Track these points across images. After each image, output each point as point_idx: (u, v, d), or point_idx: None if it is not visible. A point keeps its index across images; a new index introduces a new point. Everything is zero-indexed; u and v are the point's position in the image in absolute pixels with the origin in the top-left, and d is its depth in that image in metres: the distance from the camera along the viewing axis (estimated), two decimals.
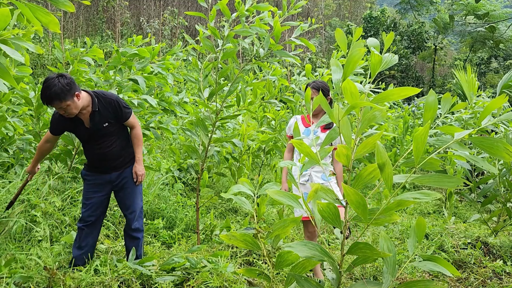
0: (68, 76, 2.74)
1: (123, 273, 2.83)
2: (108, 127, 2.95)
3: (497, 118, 1.43)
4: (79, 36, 22.15)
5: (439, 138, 1.50)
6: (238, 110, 3.61)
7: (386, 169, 1.42)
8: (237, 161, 5.18)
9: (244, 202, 1.90)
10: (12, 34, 1.77)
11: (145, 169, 3.37)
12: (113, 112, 2.94)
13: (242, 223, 4.40)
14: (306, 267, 1.72)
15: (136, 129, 3.08)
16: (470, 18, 20.46)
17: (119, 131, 3.04)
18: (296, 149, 2.70)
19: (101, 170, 3.06)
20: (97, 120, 2.91)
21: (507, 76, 2.78)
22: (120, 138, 3.06)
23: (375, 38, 1.63)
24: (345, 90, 1.47)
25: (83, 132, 2.96)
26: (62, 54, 4.02)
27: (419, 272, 3.42)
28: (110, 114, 2.94)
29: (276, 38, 3.09)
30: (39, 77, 15.36)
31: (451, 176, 1.41)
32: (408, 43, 27.03)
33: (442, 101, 1.66)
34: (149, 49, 3.98)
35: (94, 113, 2.89)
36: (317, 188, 1.61)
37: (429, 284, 1.57)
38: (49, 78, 2.68)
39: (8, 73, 1.79)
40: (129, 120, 3.03)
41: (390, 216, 1.56)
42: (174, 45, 9.03)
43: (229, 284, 2.84)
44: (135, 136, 3.08)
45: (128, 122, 3.04)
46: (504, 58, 25.89)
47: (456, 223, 4.80)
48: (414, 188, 6.76)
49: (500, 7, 23.57)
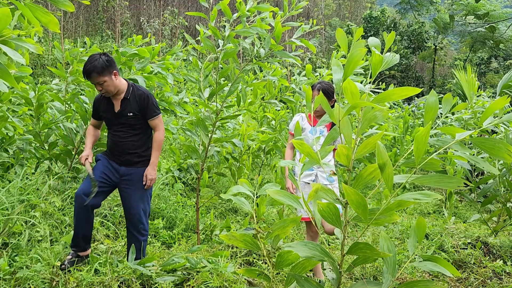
0: (110, 56, 2.92)
1: (123, 273, 2.83)
2: (131, 117, 3.01)
3: (498, 119, 1.43)
4: (79, 36, 22.15)
5: (440, 138, 1.50)
6: (238, 110, 3.61)
7: (387, 169, 1.42)
8: (237, 161, 5.18)
9: (243, 203, 1.90)
10: (13, 35, 1.77)
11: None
12: (140, 105, 3.01)
13: (242, 223, 4.40)
14: (306, 267, 1.72)
15: (159, 132, 3.10)
16: (470, 18, 20.46)
17: (141, 127, 3.08)
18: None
19: (113, 158, 3.11)
20: (125, 107, 3.00)
21: (507, 76, 2.77)
22: (139, 135, 3.08)
23: (375, 38, 1.63)
24: (346, 90, 1.47)
25: (111, 115, 3.05)
26: (62, 54, 4.02)
27: (419, 272, 3.42)
28: (138, 106, 3.01)
29: (277, 38, 3.09)
30: (39, 77, 15.36)
31: (452, 177, 1.41)
32: (408, 43, 27.04)
33: (443, 101, 1.66)
34: (149, 49, 3.98)
35: (124, 100, 3.00)
36: (317, 188, 1.61)
37: (429, 284, 1.57)
38: (93, 55, 2.88)
39: (8, 73, 1.79)
40: (153, 120, 3.07)
41: (390, 216, 1.56)
42: (174, 45, 9.04)
43: (229, 284, 2.84)
44: (156, 139, 3.10)
45: (152, 122, 3.07)
46: (504, 58, 25.90)
47: (456, 223, 4.81)
48: (414, 188, 6.76)
49: (500, 7, 23.60)
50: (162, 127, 3.12)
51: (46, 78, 14.69)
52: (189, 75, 3.48)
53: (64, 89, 4.21)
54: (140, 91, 3.04)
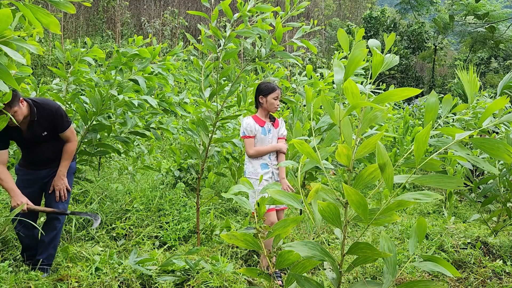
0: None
1: (123, 273, 2.84)
2: (46, 136, 2.91)
3: (498, 119, 1.44)
4: (79, 36, 22.16)
5: (440, 139, 1.51)
6: (239, 110, 3.62)
7: (387, 169, 1.43)
8: (237, 161, 5.19)
9: (244, 202, 1.90)
10: (14, 36, 1.77)
11: (145, 169, 3.35)
12: (51, 123, 2.89)
13: (242, 223, 4.41)
14: (306, 267, 1.72)
15: (71, 144, 3.01)
16: (470, 18, 20.47)
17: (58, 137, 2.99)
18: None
19: (32, 168, 3.00)
20: (35, 130, 2.86)
21: (507, 77, 2.76)
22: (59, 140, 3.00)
23: (375, 39, 1.63)
24: (346, 90, 1.47)
25: (21, 139, 2.91)
26: (63, 54, 4.02)
27: (419, 272, 3.42)
28: (48, 123, 2.88)
29: (278, 39, 3.09)
30: (39, 77, 15.38)
31: (452, 177, 1.42)
32: (408, 43, 27.04)
33: (443, 102, 1.66)
34: (150, 50, 3.98)
35: (32, 123, 2.83)
36: (318, 188, 1.61)
37: (429, 284, 1.57)
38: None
39: (8, 74, 1.80)
40: (65, 133, 2.96)
41: (390, 216, 1.56)
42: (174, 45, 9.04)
43: (229, 284, 2.84)
44: (67, 150, 2.99)
45: (64, 134, 2.97)
46: (504, 58, 25.90)
47: (456, 223, 4.81)
48: (414, 188, 6.76)
49: (500, 7, 23.60)
50: (74, 137, 3.03)
51: (46, 78, 14.71)
52: (190, 75, 3.49)
53: (65, 89, 4.21)
54: (46, 109, 2.86)
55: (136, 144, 4.63)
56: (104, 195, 4.31)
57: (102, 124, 3.89)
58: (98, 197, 4.20)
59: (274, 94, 3.31)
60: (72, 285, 2.70)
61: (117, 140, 4.19)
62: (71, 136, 2.99)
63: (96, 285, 2.73)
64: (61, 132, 2.95)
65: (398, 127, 8.40)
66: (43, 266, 2.93)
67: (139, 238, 3.77)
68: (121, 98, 3.68)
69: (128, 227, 3.90)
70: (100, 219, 3.00)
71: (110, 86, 3.86)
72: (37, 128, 2.86)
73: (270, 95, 3.30)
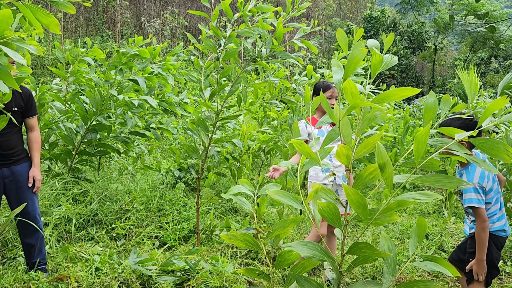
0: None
1: (123, 273, 2.84)
2: (16, 112, 2.76)
3: (497, 119, 1.44)
4: (79, 36, 22.16)
5: (439, 139, 1.50)
6: (239, 110, 3.62)
7: (387, 169, 1.43)
8: (237, 161, 5.18)
9: (244, 203, 1.90)
10: (14, 36, 1.77)
11: (145, 169, 3.35)
12: (25, 102, 2.80)
13: (242, 223, 4.41)
14: (306, 267, 1.72)
15: (37, 132, 2.92)
16: (470, 18, 20.47)
17: (20, 126, 2.88)
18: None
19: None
20: (7, 104, 2.70)
21: (508, 77, 2.76)
22: (19, 132, 2.88)
23: (375, 39, 1.63)
24: (346, 90, 1.47)
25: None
26: (62, 54, 4.03)
27: (419, 272, 3.42)
28: (22, 101, 2.78)
29: (278, 39, 3.09)
30: (39, 77, 15.38)
31: (451, 177, 1.42)
32: (408, 43, 27.05)
33: (442, 102, 1.66)
34: (150, 50, 3.99)
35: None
36: (317, 188, 1.61)
37: (429, 284, 1.57)
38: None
39: (8, 74, 1.80)
40: (33, 118, 2.88)
41: (390, 216, 1.56)
42: (174, 45, 9.05)
43: (229, 284, 2.84)
44: (36, 139, 2.90)
45: (32, 120, 2.88)
46: (504, 58, 25.91)
47: (456, 223, 4.81)
48: (414, 188, 6.76)
49: (500, 7, 23.62)
50: (38, 128, 2.96)
51: (46, 78, 14.71)
52: (191, 75, 3.49)
53: (65, 89, 4.21)
54: (24, 87, 2.80)
55: (136, 144, 4.64)
56: (104, 195, 4.31)
57: (102, 124, 3.90)
58: (98, 197, 4.19)
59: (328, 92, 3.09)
60: (72, 285, 2.71)
61: (117, 140, 4.19)
62: (36, 125, 2.92)
63: (96, 285, 2.73)
64: (32, 115, 2.86)
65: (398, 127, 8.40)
66: (42, 266, 2.93)
67: (139, 238, 3.77)
68: (121, 98, 3.68)
69: (128, 227, 3.90)
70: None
71: (110, 86, 3.86)
72: (10, 101, 2.70)
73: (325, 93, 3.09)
